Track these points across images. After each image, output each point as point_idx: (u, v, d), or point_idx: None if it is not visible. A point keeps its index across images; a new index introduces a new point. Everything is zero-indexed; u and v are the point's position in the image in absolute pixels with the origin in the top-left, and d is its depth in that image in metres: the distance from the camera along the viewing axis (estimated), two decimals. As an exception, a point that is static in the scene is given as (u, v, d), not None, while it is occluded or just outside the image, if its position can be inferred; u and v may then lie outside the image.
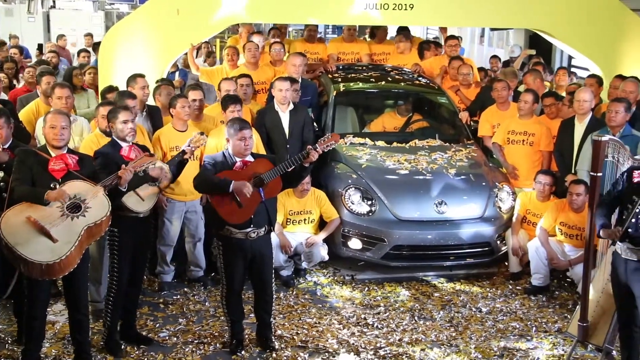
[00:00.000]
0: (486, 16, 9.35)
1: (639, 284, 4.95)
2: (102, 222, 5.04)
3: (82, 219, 4.97)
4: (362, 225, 7.29)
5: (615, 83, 8.21)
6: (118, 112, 5.62)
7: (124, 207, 5.46)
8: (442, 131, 8.72)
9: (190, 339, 5.99)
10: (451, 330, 6.26)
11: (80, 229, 4.96)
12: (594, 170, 5.34)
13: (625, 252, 5.00)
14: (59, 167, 5.10)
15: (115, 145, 5.59)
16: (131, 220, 5.57)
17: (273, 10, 8.86)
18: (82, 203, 4.99)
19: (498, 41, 20.39)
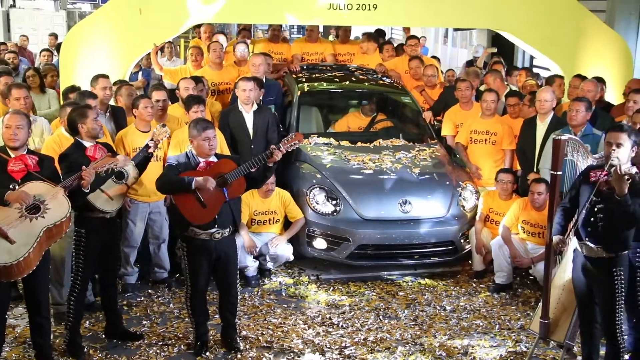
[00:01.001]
0: (449, 16, 9.42)
1: (599, 281, 5.02)
2: (62, 223, 4.98)
3: (41, 220, 4.91)
4: (326, 225, 7.30)
5: (574, 82, 8.33)
6: (87, 111, 5.55)
7: (93, 208, 5.42)
8: (406, 131, 8.77)
9: (154, 340, 5.95)
10: (416, 329, 6.29)
11: (39, 230, 4.89)
12: (553, 169, 5.40)
13: (585, 250, 5.06)
14: (18, 168, 5.03)
15: (79, 146, 5.52)
16: (99, 220, 5.53)
17: (236, 10, 8.84)
18: (41, 204, 4.92)
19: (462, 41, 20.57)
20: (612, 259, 4.95)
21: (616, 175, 4.64)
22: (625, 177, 4.58)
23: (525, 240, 7.18)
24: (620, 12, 11.65)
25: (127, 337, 5.93)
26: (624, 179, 4.59)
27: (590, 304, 5.18)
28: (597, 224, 4.91)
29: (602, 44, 9.40)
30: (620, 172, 4.59)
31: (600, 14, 11.34)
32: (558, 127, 7.10)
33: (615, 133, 4.85)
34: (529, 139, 7.54)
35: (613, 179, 4.69)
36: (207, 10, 8.67)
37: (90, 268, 5.61)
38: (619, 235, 4.88)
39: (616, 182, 4.66)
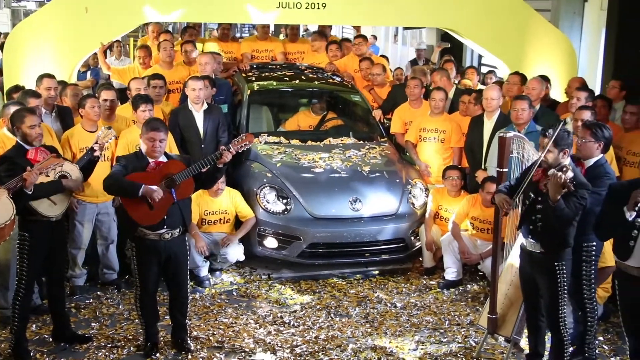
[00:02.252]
0: (397, 15, 9.51)
1: (542, 275, 5.13)
2: (6, 225, 4.90)
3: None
4: (277, 224, 7.30)
5: (512, 79, 8.45)
6: (24, 116, 5.43)
7: (36, 212, 5.33)
8: (356, 129, 8.82)
9: (103, 343, 5.87)
10: (367, 327, 6.33)
11: (-17, 233, 4.80)
12: (499, 166, 5.49)
13: (529, 245, 5.17)
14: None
15: (20, 148, 5.42)
16: (43, 224, 5.44)
17: (184, 9, 8.78)
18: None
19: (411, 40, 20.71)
20: (554, 254, 5.06)
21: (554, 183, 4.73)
22: (562, 187, 4.68)
23: (475, 237, 7.27)
24: (565, 11, 11.87)
25: (76, 340, 5.84)
26: (560, 189, 4.70)
27: (535, 298, 5.29)
28: (537, 224, 5.02)
29: (547, 43, 9.58)
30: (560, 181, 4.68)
31: (545, 13, 11.55)
32: (504, 124, 7.20)
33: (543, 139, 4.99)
34: (477, 137, 7.64)
35: (550, 184, 4.78)
36: (156, 9, 8.59)
37: (35, 271, 5.51)
38: (558, 235, 4.98)
39: (551, 189, 4.76)
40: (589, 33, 11.99)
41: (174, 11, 8.82)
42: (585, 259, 5.32)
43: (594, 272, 5.46)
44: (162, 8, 8.62)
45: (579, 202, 4.84)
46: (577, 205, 4.84)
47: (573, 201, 4.81)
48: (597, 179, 5.07)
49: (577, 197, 4.83)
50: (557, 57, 9.61)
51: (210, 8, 8.86)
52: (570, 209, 4.81)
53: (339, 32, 22.94)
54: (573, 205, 4.82)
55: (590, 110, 6.66)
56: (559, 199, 4.75)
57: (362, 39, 10.47)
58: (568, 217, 4.83)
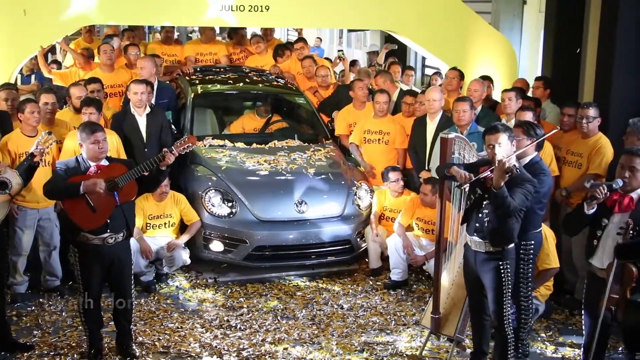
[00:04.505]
0: (340, 17, 9.58)
1: (487, 274, 5.20)
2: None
3: None
4: (223, 227, 7.28)
5: (450, 74, 8.61)
6: None
7: (-26, 218, 5.23)
8: (300, 131, 8.83)
9: (45, 351, 5.78)
10: (313, 328, 6.35)
11: None
12: (442, 167, 5.55)
13: (474, 245, 5.24)
14: None
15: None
16: (-19, 231, 5.33)
17: (125, 11, 8.71)
18: None
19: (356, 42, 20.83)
20: (498, 253, 5.14)
21: (498, 169, 4.81)
22: (505, 172, 4.77)
23: (420, 237, 7.35)
24: (504, 13, 12.09)
25: (17, 349, 5.72)
26: (504, 174, 4.78)
27: (479, 297, 5.36)
28: (484, 220, 5.09)
29: (487, 44, 9.75)
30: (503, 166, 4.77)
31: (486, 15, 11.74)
32: (447, 125, 7.29)
33: (493, 135, 5.07)
34: (420, 138, 7.72)
35: (494, 171, 4.86)
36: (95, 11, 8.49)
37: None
38: (504, 230, 5.07)
39: (495, 174, 4.84)
40: (528, 35, 12.24)
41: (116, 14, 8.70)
42: (522, 257, 5.42)
43: (531, 271, 5.57)
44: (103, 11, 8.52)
45: (524, 195, 4.94)
46: (522, 197, 4.93)
47: (518, 192, 4.90)
48: (533, 176, 5.18)
49: (524, 189, 4.93)
50: (497, 58, 9.79)
51: (151, 10, 8.78)
52: (514, 199, 4.89)
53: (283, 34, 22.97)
54: (518, 197, 4.90)
55: (531, 111, 6.81)
56: (502, 185, 4.83)
57: (303, 42, 10.50)
58: (511, 207, 4.89)
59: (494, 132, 5.09)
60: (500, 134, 5.06)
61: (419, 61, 15.97)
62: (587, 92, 8.23)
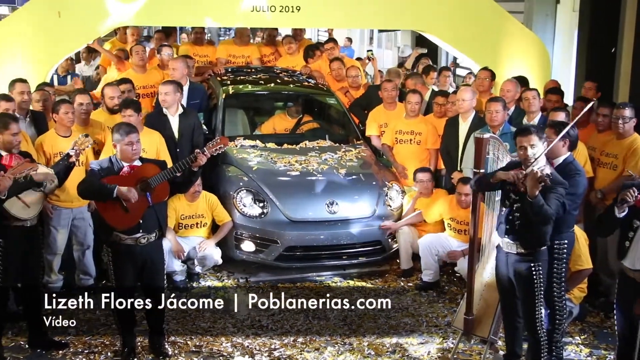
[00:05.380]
0: (371, 18, 9.55)
1: (519, 276, 5.16)
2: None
3: (-41, 229, 4.78)
4: (254, 228, 7.29)
5: (481, 74, 8.54)
6: (8, 123, 5.46)
7: (9, 216, 5.29)
8: (332, 132, 8.82)
9: (80, 348, 5.85)
10: (345, 329, 6.33)
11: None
12: (476, 167, 5.52)
13: (506, 246, 5.20)
14: None
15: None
16: (18, 229, 5.42)
17: (158, 13, 8.77)
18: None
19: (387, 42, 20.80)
20: (530, 255, 5.10)
21: (530, 178, 4.77)
22: (539, 182, 4.72)
23: (453, 238, 7.30)
24: (537, 13, 11.98)
25: (52, 347, 5.81)
26: (537, 183, 4.74)
27: (511, 299, 5.32)
28: (515, 222, 5.06)
29: (520, 45, 9.66)
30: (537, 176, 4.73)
31: (518, 15, 11.65)
32: (479, 126, 7.25)
33: (525, 136, 5.01)
34: (452, 138, 7.68)
35: (527, 180, 4.82)
36: (127, 12, 8.56)
37: (10, 277, 5.48)
38: (536, 232, 5.03)
39: (529, 184, 4.80)
40: (562, 34, 12.13)
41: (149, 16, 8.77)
42: (556, 257, 5.36)
43: (564, 271, 5.51)
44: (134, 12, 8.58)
45: (558, 199, 4.89)
46: (557, 203, 4.89)
47: (552, 199, 4.86)
48: (567, 176, 5.12)
49: (556, 194, 4.89)
50: (530, 58, 9.70)
51: (183, 12, 8.83)
52: (549, 206, 4.84)
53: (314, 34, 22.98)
54: (553, 203, 4.86)
55: (564, 111, 6.74)
56: (537, 194, 4.78)
57: (334, 43, 10.50)
58: (547, 214, 4.86)
59: (526, 134, 5.04)
60: (533, 136, 5.01)
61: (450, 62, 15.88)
62: (622, 92, 8.14)
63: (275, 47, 10.73)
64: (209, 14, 8.97)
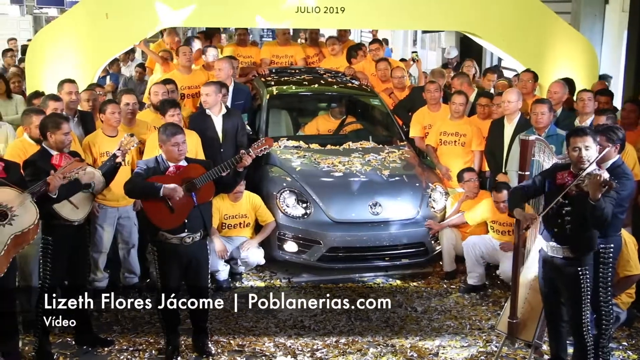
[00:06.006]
0: (415, 19, 9.50)
1: (565, 280, 5.09)
2: (30, 230, 4.95)
3: (9, 228, 4.89)
4: (297, 228, 7.31)
5: (524, 76, 8.44)
6: (60, 123, 5.55)
7: (59, 216, 5.38)
8: (375, 133, 8.80)
9: (125, 346, 5.92)
10: (387, 331, 6.32)
11: (7, 237, 4.87)
12: (521, 169, 5.47)
13: (551, 250, 5.13)
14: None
15: (45, 153, 5.51)
16: (65, 228, 5.51)
17: (204, 14, 8.83)
18: (8, 211, 4.90)
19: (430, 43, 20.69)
20: (577, 259, 5.03)
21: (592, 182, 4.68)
22: (602, 185, 4.63)
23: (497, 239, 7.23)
24: (585, 13, 11.82)
25: (98, 343, 5.89)
26: (600, 187, 4.65)
27: (556, 303, 5.25)
28: (565, 226, 4.98)
29: (567, 46, 9.52)
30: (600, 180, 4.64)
31: (566, 15, 11.50)
32: (525, 127, 7.17)
33: (581, 137, 4.93)
34: (497, 140, 7.61)
35: (589, 184, 4.73)
36: (175, 14, 8.64)
37: (58, 275, 5.58)
38: (586, 236, 4.95)
39: (591, 188, 4.71)
40: (611, 35, 11.93)
41: (192, 17, 8.84)
42: (602, 261, 5.26)
43: (611, 275, 5.40)
44: (180, 13, 8.66)
45: (611, 203, 4.81)
46: (610, 206, 4.80)
47: (607, 202, 4.77)
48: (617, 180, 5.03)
49: (610, 198, 4.80)
50: (578, 59, 9.55)
51: (228, 13, 8.89)
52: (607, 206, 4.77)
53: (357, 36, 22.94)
54: (608, 207, 4.78)
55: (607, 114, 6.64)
56: (599, 197, 4.70)
57: (379, 44, 10.48)
58: (607, 216, 4.76)
59: (581, 135, 4.94)
60: (588, 137, 4.92)
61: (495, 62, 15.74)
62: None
63: (319, 48, 10.75)
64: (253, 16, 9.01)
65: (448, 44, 17.07)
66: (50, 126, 5.53)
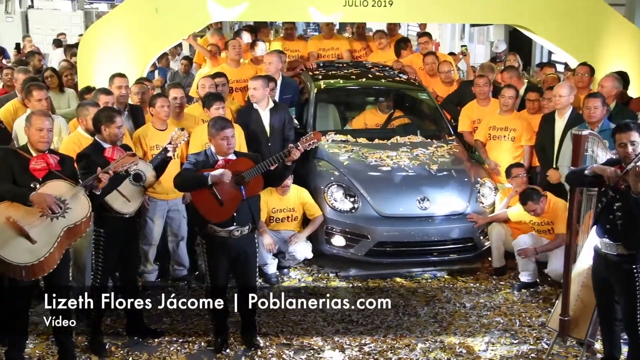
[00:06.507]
0: (465, 12, 9.38)
1: (618, 278, 5.00)
2: (82, 223, 5.03)
3: (62, 220, 4.96)
4: (345, 222, 7.30)
5: (580, 70, 8.28)
6: (114, 117, 5.64)
7: (110, 209, 5.46)
8: (423, 127, 8.74)
9: (174, 337, 5.98)
10: (435, 326, 6.28)
11: (60, 230, 4.95)
12: (573, 165, 5.37)
13: (604, 247, 5.04)
14: (40, 167, 5.11)
15: (98, 147, 5.60)
16: (117, 220, 5.59)
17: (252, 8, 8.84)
18: (62, 204, 4.97)
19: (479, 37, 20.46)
20: (631, 256, 4.93)
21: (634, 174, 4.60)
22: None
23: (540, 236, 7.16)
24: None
25: (148, 334, 5.97)
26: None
27: (609, 301, 5.16)
28: (616, 222, 4.89)
29: (621, 38, 9.31)
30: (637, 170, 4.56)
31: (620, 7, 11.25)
32: (577, 122, 7.05)
33: (625, 133, 4.83)
34: (548, 135, 7.50)
35: (629, 176, 4.65)
36: (224, 8, 8.68)
37: (109, 266, 5.68)
38: (637, 232, 4.84)
39: (632, 180, 4.63)
40: (666, 27, 11.64)
41: (241, 10, 8.87)
42: None
43: None
44: (229, 7, 8.70)
45: None
46: None
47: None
48: None
49: None
50: (632, 52, 9.34)
51: (277, 7, 8.90)
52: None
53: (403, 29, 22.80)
54: None
55: None
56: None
57: (428, 37, 10.40)
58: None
59: (625, 130, 4.85)
60: (633, 132, 4.82)
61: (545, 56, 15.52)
62: None
63: (366, 42, 10.71)
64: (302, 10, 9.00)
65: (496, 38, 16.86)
66: (104, 119, 5.61)
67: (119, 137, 5.63)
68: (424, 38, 10.28)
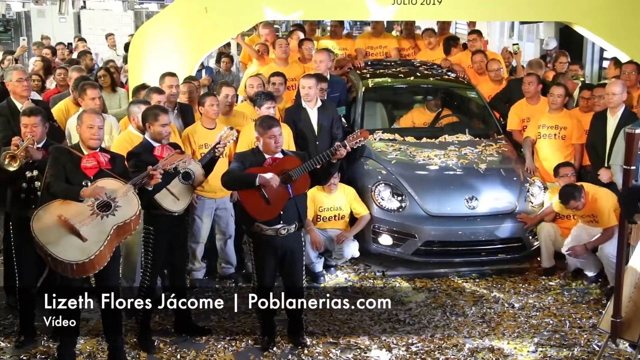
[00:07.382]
0: (513, 10, 9.26)
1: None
2: (132, 221, 5.09)
3: (112, 218, 5.03)
4: (392, 221, 7.27)
5: (627, 68, 8.11)
6: (158, 114, 5.69)
7: (160, 207, 5.52)
8: (471, 126, 8.66)
9: (222, 335, 6.03)
10: (483, 327, 6.22)
11: (110, 228, 5.02)
12: (627, 164, 5.25)
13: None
14: (91, 165, 5.19)
15: (147, 145, 5.67)
16: (166, 218, 5.65)
17: (300, 7, 8.86)
18: (112, 202, 5.05)
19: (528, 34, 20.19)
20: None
21: None
22: None
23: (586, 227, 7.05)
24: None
25: (196, 332, 6.02)
26: None
27: (665, 303, 5.05)
28: None
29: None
30: None
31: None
32: (630, 121, 6.92)
33: None
34: (599, 134, 7.38)
35: None
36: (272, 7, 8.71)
37: (159, 264, 5.74)
38: None
39: None
40: None
41: (292, 9, 8.90)
42: None
43: None
44: (280, 7, 8.73)
45: None
46: None
47: None
48: None
49: None
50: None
51: (327, 6, 8.91)
52: None
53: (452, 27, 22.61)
54: None
55: None
56: None
57: (477, 34, 10.30)
58: None
59: None
60: None
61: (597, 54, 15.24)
62: None
63: (414, 41, 10.65)
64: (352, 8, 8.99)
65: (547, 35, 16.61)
66: (150, 117, 5.69)
67: (164, 135, 5.68)
68: (472, 35, 10.19)
